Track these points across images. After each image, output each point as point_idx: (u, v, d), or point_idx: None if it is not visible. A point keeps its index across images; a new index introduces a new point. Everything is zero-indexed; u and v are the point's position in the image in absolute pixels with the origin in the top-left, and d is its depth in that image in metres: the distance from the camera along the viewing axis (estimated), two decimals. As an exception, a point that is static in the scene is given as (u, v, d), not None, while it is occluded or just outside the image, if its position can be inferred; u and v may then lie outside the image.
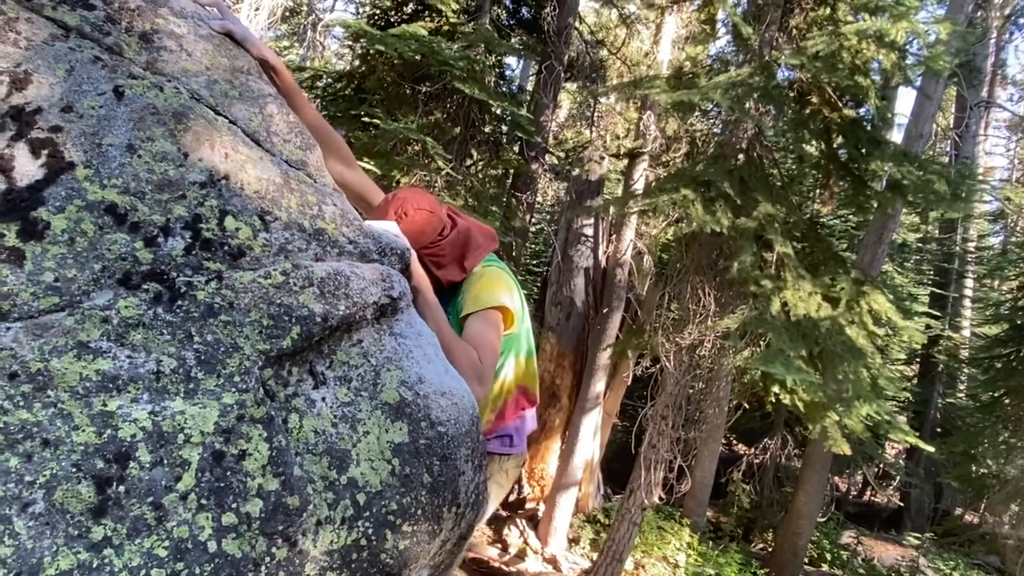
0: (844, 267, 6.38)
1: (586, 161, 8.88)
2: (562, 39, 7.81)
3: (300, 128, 1.47)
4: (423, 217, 1.81)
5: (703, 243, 6.26)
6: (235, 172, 1.30)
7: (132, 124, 1.22)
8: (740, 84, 5.32)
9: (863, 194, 6.37)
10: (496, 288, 1.85)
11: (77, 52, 1.25)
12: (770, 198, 5.87)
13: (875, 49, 5.41)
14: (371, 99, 7.11)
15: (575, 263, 8.79)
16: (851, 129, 6.05)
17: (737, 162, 5.94)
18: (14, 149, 1.12)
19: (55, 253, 1.09)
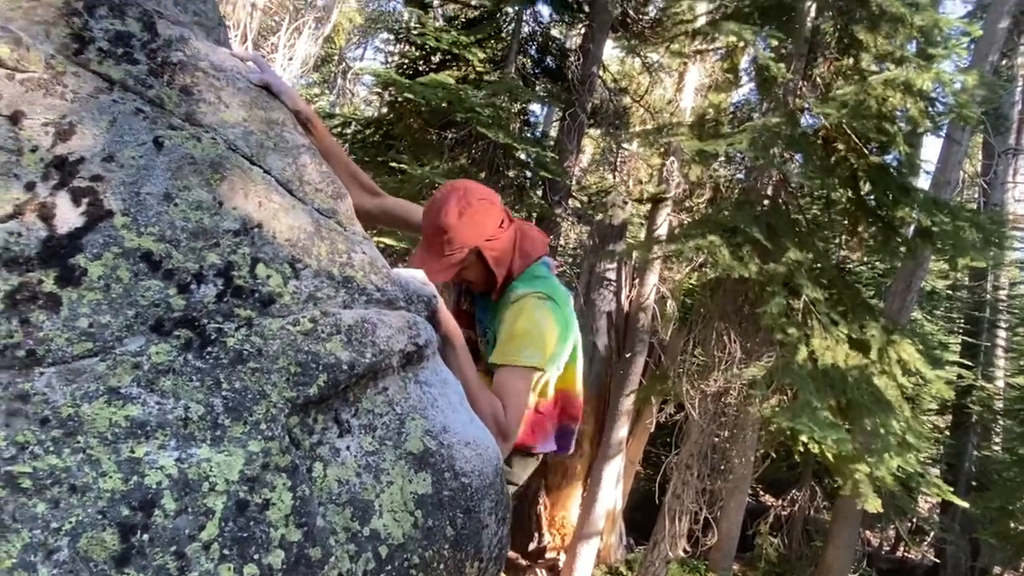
0: (873, 315, 6.27)
1: (609, 206, 8.93)
2: (586, 87, 7.94)
3: (332, 177, 1.50)
4: (485, 208, 1.76)
5: (728, 289, 6.22)
6: (268, 220, 1.32)
7: (170, 173, 1.26)
8: (765, 132, 5.35)
9: (892, 241, 6.30)
10: (534, 341, 1.73)
11: (120, 104, 1.29)
12: (797, 244, 5.84)
13: (901, 97, 5.42)
14: (398, 145, 7.26)
15: (597, 307, 8.77)
16: (879, 176, 6.03)
17: (763, 208, 5.94)
18: (56, 197, 1.16)
19: (91, 299, 1.11)
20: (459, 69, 7.69)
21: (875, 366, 5.81)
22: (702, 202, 8.43)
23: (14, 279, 1.07)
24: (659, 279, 8.51)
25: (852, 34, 6.04)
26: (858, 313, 6.20)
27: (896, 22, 5.33)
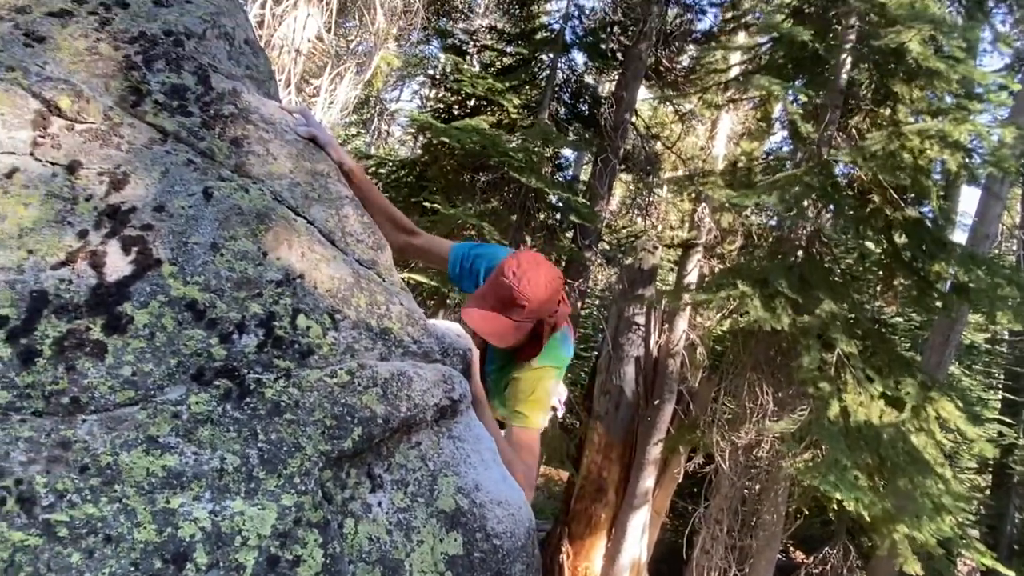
0: (909, 370, 6.11)
1: (639, 250, 8.90)
2: (618, 133, 8.01)
3: (373, 228, 1.51)
4: (559, 287, 1.80)
5: (761, 339, 6.11)
6: (310, 271, 1.33)
7: (218, 224, 1.28)
8: (798, 183, 5.31)
9: (927, 296, 6.16)
10: (545, 408, 1.85)
11: (173, 155, 1.33)
12: (831, 296, 5.74)
13: (938, 149, 5.36)
14: (432, 186, 7.37)
15: (625, 351, 8.67)
16: (914, 228, 5.93)
17: (796, 259, 5.87)
18: (107, 246, 1.19)
19: (135, 347, 1.12)
20: (493, 114, 7.82)
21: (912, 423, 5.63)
22: (734, 249, 8.36)
23: (63, 326, 1.09)
24: (689, 325, 8.42)
25: (888, 86, 6.03)
26: (894, 367, 6.04)
27: (933, 76, 5.30)
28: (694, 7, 8.64)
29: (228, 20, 1.61)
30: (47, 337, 1.08)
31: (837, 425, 5.03)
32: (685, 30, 8.63)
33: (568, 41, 8.45)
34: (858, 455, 5.08)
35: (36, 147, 1.23)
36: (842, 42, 6.15)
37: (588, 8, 8.70)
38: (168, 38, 1.46)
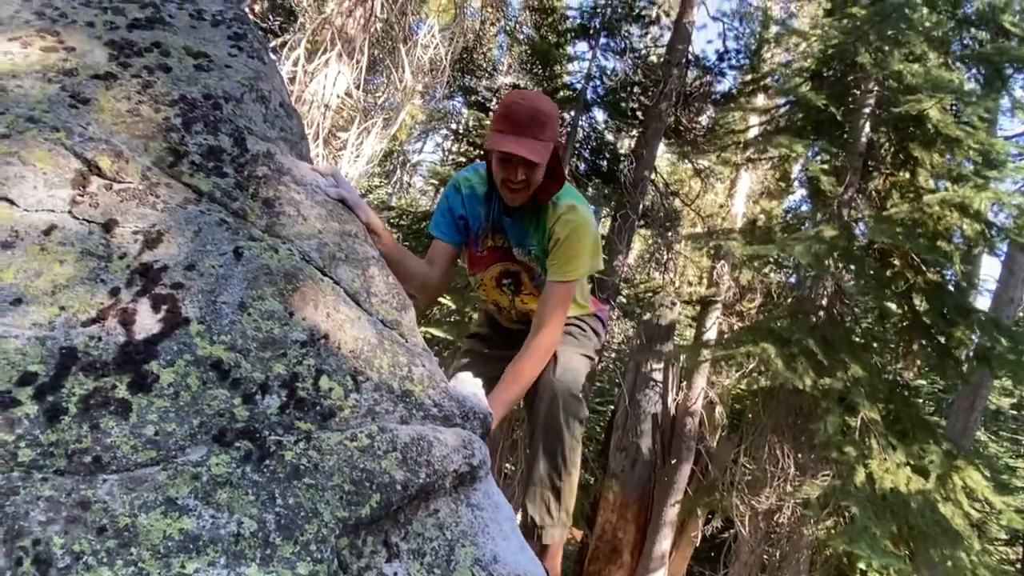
0: (934, 437, 5.95)
1: (657, 306, 8.87)
2: (638, 190, 8.08)
3: (398, 289, 1.53)
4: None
5: (782, 399, 6.01)
6: (334, 331, 1.34)
7: (247, 283, 1.30)
8: (820, 242, 5.31)
9: (948, 363, 6.05)
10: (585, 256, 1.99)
11: (206, 215, 1.36)
12: (853, 357, 5.66)
13: (958, 217, 5.34)
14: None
15: (643, 408, 8.56)
16: (935, 294, 5.87)
17: (817, 319, 5.81)
18: (138, 304, 1.20)
19: (159, 407, 1.12)
20: (514, 168, 7.93)
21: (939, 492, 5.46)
22: (753, 307, 8.32)
23: (90, 384, 1.10)
24: (707, 383, 8.31)
25: (908, 151, 6.06)
26: (918, 434, 5.90)
27: (952, 143, 5.33)
28: (713, 70, 8.81)
29: (265, 84, 1.67)
30: (73, 395, 1.08)
31: (864, 492, 4.89)
32: (705, 91, 8.78)
33: (589, 100, 8.62)
34: (886, 523, 4.92)
35: (75, 205, 1.26)
36: (861, 106, 6.22)
37: (609, 69, 8.88)
38: (207, 101, 1.51)
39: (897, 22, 5.21)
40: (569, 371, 2.02)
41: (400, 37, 6.89)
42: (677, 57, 8.32)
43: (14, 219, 1.21)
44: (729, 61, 8.81)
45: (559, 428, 1.97)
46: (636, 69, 8.93)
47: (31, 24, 1.57)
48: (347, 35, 5.70)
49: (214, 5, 1.82)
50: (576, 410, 1.99)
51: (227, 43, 1.70)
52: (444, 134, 17.06)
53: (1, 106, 1.35)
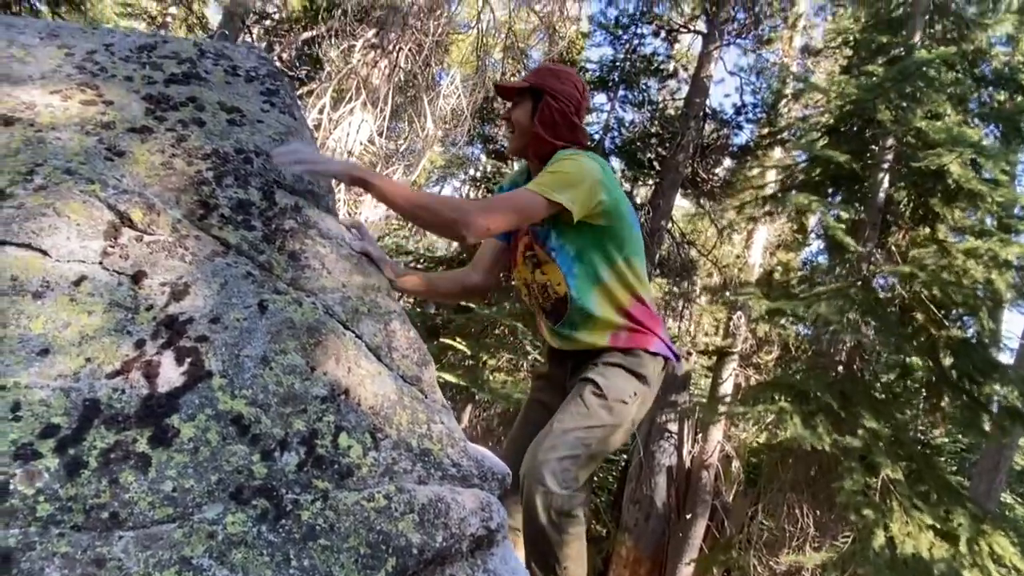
0: (959, 499, 5.78)
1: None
2: (654, 239, 8.10)
3: (419, 344, 1.52)
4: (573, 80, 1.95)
5: (800, 456, 5.88)
6: (355, 387, 1.33)
7: (270, 337, 1.30)
8: (840, 296, 5.26)
9: (977, 419, 5.92)
10: (560, 173, 1.77)
11: (233, 268, 1.37)
12: (874, 415, 5.55)
13: (984, 269, 5.29)
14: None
15: (657, 460, 8.40)
16: (961, 348, 5.78)
17: (837, 374, 5.73)
18: (162, 356, 1.21)
19: (178, 462, 1.12)
20: (532, 216, 7.99)
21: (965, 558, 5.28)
22: (770, 360, 8.22)
23: (111, 437, 1.10)
24: (724, 436, 8.17)
25: (928, 205, 6.04)
26: (942, 495, 5.73)
27: (974, 198, 5.31)
28: (731, 123, 8.91)
29: (295, 138, 1.70)
30: (95, 448, 1.08)
31: (884, 557, 4.73)
32: (722, 144, 8.87)
33: (607, 150, 8.73)
34: (908, 591, 4.75)
35: (106, 256, 1.28)
36: (879, 161, 6.24)
37: (627, 120, 9.03)
38: (239, 155, 1.54)
39: (916, 80, 5.26)
40: (554, 454, 1.70)
41: (423, 87, 7.05)
42: (694, 110, 8.43)
43: (46, 269, 1.22)
44: (746, 115, 8.94)
45: (541, 528, 1.68)
46: (654, 121, 9.05)
47: (72, 78, 1.62)
48: (372, 85, 5.86)
49: (248, 61, 1.88)
50: (561, 504, 1.67)
51: (260, 98, 1.75)
52: (462, 179, 17.28)
53: (40, 157, 1.39)
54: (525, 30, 9.32)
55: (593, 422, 1.77)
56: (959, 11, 6.57)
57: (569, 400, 1.83)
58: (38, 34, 1.76)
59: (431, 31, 6.65)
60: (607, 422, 1.78)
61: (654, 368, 1.88)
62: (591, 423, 1.76)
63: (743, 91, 8.93)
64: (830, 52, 8.83)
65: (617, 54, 9.10)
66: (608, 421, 1.78)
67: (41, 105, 1.51)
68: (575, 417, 1.77)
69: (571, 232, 1.83)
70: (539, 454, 1.71)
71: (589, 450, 1.75)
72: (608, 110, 9.01)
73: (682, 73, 9.38)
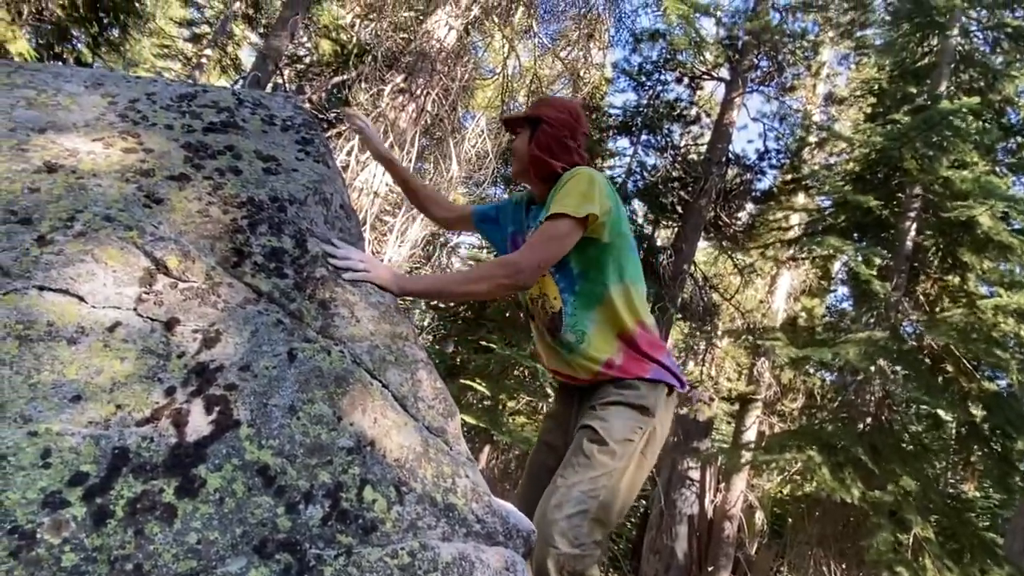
0: (994, 558, 5.56)
1: (695, 401, 8.66)
2: (676, 283, 8.07)
3: (445, 395, 1.51)
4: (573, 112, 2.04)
5: (827, 509, 5.72)
6: (380, 438, 1.32)
7: (298, 386, 1.30)
8: (869, 344, 5.17)
9: (1010, 477, 5.72)
10: (576, 191, 1.81)
11: (264, 315, 1.38)
12: (904, 468, 5.39)
13: (1015, 323, 5.18)
14: (489, 324, 7.46)
15: (678, 508, 8.21)
16: (993, 402, 5.63)
17: (866, 425, 5.59)
18: (191, 404, 1.21)
19: (204, 513, 1.11)
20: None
21: (1003, 621, 5.06)
22: (796, 407, 8.06)
23: (138, 487, 1.09)
24: (747, 485, 7.98)
25: (957, 255, 5.96)
26: (975, 553, 5.52)
27: (1004, 250, 5.23)
28: (754, 168, 8.93)
29: (328, 187, 1.73)
30: (122, 497, 1.07)
31: (918, 619, 4.55)
32: (745, 188, 8.87)
33: (630, 193, 8.77)
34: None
35: (140, 303, 1.30)
36: (906, 210, 6.19)
37: (650, 164, 9.09)
38: (273, 204, 1.57)
39: (943, 130, 5.25)
40: (561, 513, 1.65)
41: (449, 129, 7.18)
42: (717, 155, 8.47)
43: (81, 315, 1.24)
44: (769, 160, 8.94)
45: None
46: (676, 165, 9.10)
47: (114, 126, 1.67)
48: (399, 128, 5.97)
49: (285, 111, 1.93)
50: (574, 565, 1.62)
51: (295, 147, 1.79)
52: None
53: (80, 204, 1.42)
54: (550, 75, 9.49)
55: (596, 472, 1.71)
56: (985, 61, 6.57)
57: (570, 452, 1.80)
58: (84, 82, 1.83)
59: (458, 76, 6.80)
60: (612, 467, 1.73)
61: (656, 397, 1.84)
62: (594, 473, 1.71)
63: (766, 137, 8.96)
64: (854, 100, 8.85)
65: (640, 99, 9.21)
66: (613, 466, 1.73)
67: (84, 152, 1.56)
68: (577, 470, 1.72)
69: (576, 248, 1.85)
70: (547, 513, 1.66)
71: (598, 501, 1.69)
72: (631, 154, 9.08)
73: (705, 119, 9.45)
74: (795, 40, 8.43)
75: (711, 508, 8.12)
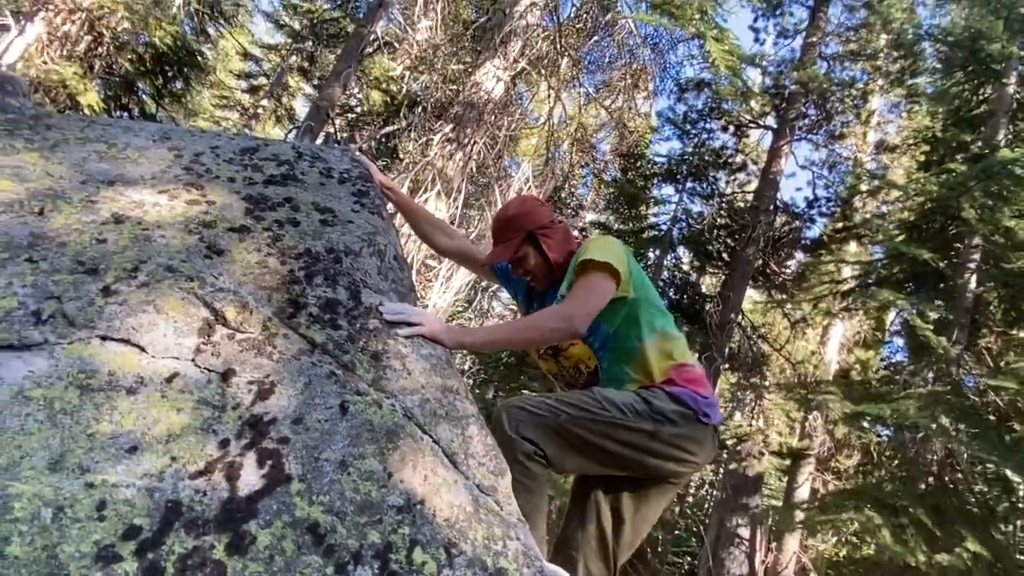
0: (1076, 634, 5.16)
1: (744, 455, 8.38)
2: (724, 332, 7.90)
3: (496, 452, 1.48)
4: (537, 206, 2.09)
5: (888, 573, 5.40)
6: (430, 496, 1.29)
7: (349, 440, 1.29)
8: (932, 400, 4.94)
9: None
10: (593, 250, 1.86)
11: (317, 367, 1.38)
12: (971, 531, 5.08)
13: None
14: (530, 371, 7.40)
15: (727, 568, 7.88)
16: (1068, 465, 5.28)
17: (928, 486, 5.31)
18: (244, 458, 1.20)
19: (253, 571, 1.08)
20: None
21: None
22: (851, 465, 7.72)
23: (190, 542, 1.08)
24: (800, 546, 7.62)
25: (1021, 307, 5.71)
26: (1054, 628, 5.12)
27: (1074, 302, 4.99)
28: (803, 216, 8.79)
29: (382, 238, 1.74)
30: (173, 553, 1.06)
31: None
32: (794, 237, 8.72)
33: (675, 240, 8.70)
34: None
35: (198, 354, 1.31)
36: (965, 261, 5.98)
37: (696, 212, 9.03)
38: (329, 255, 1.58)
39: (1002, 179, 5.09)
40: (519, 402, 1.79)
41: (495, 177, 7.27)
42: (765, 203, 8.37)
43: (141, 365, 1.26)
44: (819, 208, 8.80)
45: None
46: (722, 212, 9.02)
47: (180, 178, 1.72)
48: (447, 175, 6.08)
49: (342, 163, 1.97)
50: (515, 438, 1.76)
51: (351, 199, 1.81)
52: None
53: (144, 255, 1.46)
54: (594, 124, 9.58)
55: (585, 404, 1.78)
56: (1044, 109, 6.40)
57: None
58: (151, 137, 1.90)
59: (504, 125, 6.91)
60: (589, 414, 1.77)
61: (667, 404, 1.83)
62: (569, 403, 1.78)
63: (815, 185, 8.83)
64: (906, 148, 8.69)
65: (685, 147, 9.22)
66: (592, 415, 1.77)
67: (149, 204, 1.60)
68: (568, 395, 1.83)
69: (605, 310, 1.86)
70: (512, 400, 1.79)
71: (558, 420, 1.75)
72: (676, 201, 9.05)
73: (751, 166, 9.39)
74: (844, 89, 8.36)
75: (762, 569, 7.76)
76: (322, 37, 13.88)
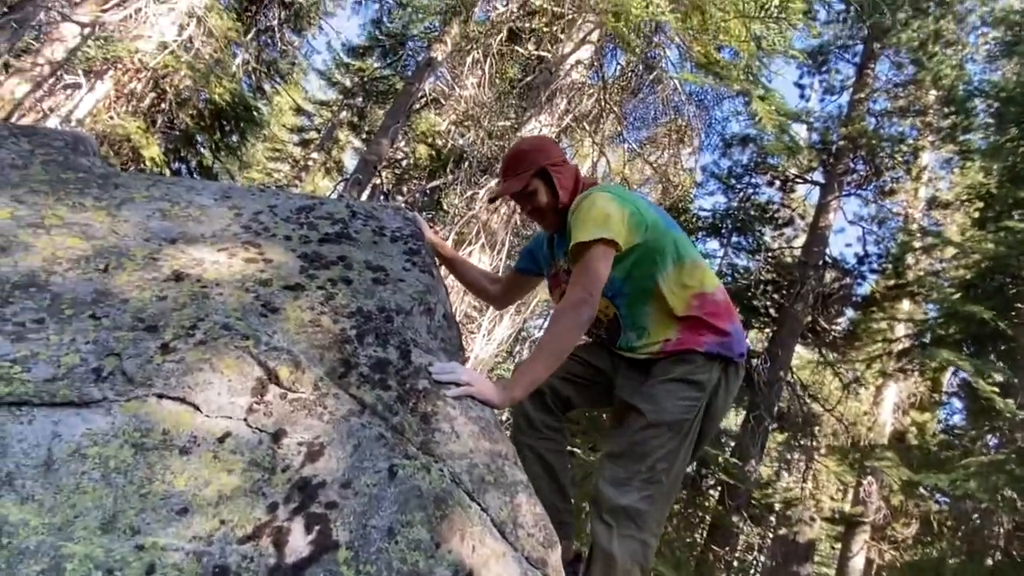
0: None
1: (794, 520, 8.02)
2: (772, 390, 7.68)
3: (545, 521, 1.43)
4: (549, 143, 2.11)
5: (954, 658, 5.03)
6: (479, 568, 1.25)
7: (397, 507, 1.26)
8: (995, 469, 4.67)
9: None
10: (589, 220, 1.83)
11: (366, 429, 1.36)
12: (1045, 615, 4.72)
13: None
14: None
15: (777, 642, 7.46)
16: None
17: (996, 561, 4.98)
18: (292, 523, 1.18)
19: (297, 644, 1.05)
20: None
21: None
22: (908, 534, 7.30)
23: (235, 611, 1.06)
24: (855, 621, 7.18)
25: (1091, 372, 5.41)
26: None
27: None
28: (853, 272, 8.58)
29: (432, 297, 1.75)
30: (218, 622, 1.04)
31: None
32: (844, 294, 8.50)
33: (720, 295, 8.55)
34: None
35: (251, 413, 1.31)
36: (1028, 321, 5.73)
37: (741, 267, 8.90)
38: (381, 314, 1.59)
39: (1066, 237, 4.89)
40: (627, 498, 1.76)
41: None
42: (813, 258, 8.22)
43: (195, 425, 1.26)
44: (869, 264, 8.60)
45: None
46: (769, 267, 8.87)
47: (238, 236, 1.76)
48: (491, 228, 6.13)
49: (394, 222, 1.99)
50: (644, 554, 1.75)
51: (403, 258, 1.83)
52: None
53: (202, 312, 1.48)
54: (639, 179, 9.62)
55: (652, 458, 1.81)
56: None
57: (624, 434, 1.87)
58: (213, 195, 1.96)
59: (549, 180, 6.96)
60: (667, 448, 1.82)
61: (710, 371, 1.87)
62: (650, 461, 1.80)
63: (865, 240, 8.65)
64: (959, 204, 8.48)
65: (730, 202, 9.16)
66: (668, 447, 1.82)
67: (208, 262, 1.64)
68: (633, 457, 1.82)
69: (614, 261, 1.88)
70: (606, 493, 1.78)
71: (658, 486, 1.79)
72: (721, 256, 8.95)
73: (798, 221, 9.26)
74: (893, 144, 8.25)
75: (814, 644, 7.32)
76: (372, 94, 14.39)
